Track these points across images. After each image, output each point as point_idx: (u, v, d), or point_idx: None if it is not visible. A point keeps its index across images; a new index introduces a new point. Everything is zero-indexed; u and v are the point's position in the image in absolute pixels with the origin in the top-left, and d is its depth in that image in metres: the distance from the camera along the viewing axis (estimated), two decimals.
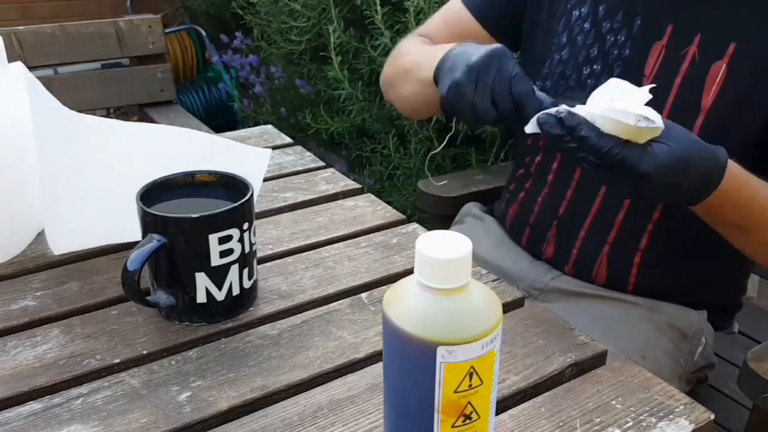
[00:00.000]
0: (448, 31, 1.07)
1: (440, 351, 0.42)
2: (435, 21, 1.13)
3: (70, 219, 0.70)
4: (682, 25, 0.89)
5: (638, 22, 0.92)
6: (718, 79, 0.87)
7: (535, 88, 0.78)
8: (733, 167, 0.76)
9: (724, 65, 0.87)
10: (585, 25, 0.97)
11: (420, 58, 0.96)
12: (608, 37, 0.94)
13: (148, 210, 0.63)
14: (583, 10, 0.97)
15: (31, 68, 0.67)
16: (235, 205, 0.64)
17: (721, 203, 0.77)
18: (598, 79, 0.94)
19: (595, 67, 0.95)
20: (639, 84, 0.90)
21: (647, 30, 0.91)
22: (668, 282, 0.99)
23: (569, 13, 0.99)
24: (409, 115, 1.27)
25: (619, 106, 0.67)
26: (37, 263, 0.76)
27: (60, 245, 0.71)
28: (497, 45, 0.81)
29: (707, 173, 0.74)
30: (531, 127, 0.73)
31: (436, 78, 0.87)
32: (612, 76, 0.92)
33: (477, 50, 0.81)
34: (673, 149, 0.70)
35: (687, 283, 0.99)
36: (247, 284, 0.68)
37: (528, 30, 1.06)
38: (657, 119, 0.67)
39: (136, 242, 0.62)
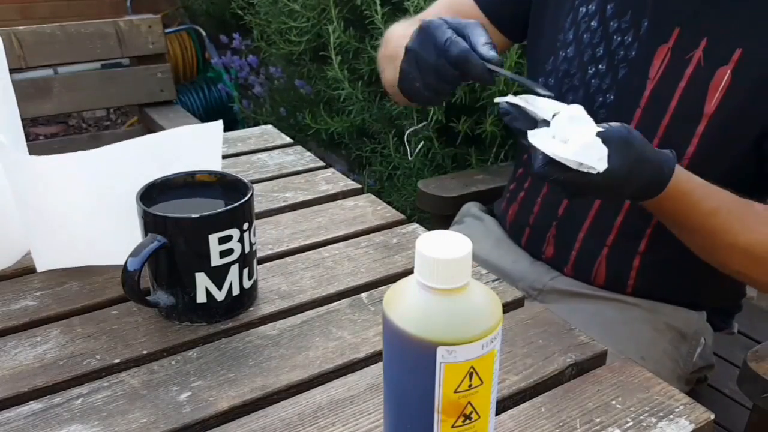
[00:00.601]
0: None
1: (440, 351, 0.42)
2: (436, 7, 1.12)
3: (54, 238, 0.71)
4: (689, 29, 0.89)
5: (645, 23, 0.91)
6: (722, 85, 0.86)
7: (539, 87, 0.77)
8: (680, 176, 0.77)
9: (729, 71, 0.86)
10: (592, 23, 0.96)
11: (399, 43, 0.94)
12: (615, 37, 0.93)
13: (148, 210, 0.63)
14: (590, 7, 0.96)
15: (31, 68, 0.67)
16: (235, 205, 0.64)
17: (660, 206, 0.79)
18: (602, 80, 0.94)
19: (600, 66, 0.95)
20: (643, 87, 0.90)
21: (654, 32, 0.91)
22: (667, 284, 0.99)
23: (576, 9, 0.98)
24: (398, 100, 1.25)
25: (564, 152, 0.69)
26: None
27: (43, 263, 0.72)
28: (429, 20, 0.81)
29: (649, 183, 0.76)
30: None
31: None
32: (617, 77, 0.93)
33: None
34: (611, 172, 0.69)
35: (686, 286, 0.99)
36: (247, 284, 0.68)
37: (535, 23, 1.05)
38: (597, 163, 0.68)
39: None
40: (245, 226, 0.65)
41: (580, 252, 1.00)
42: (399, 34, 1.02)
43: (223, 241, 0.63)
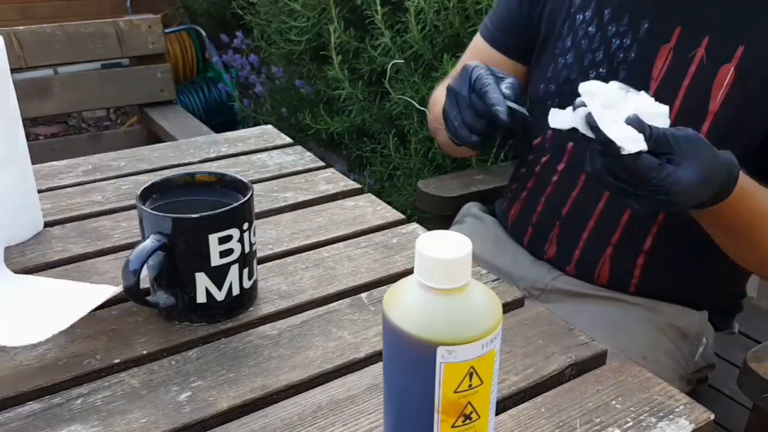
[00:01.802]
0: None
1: (440, 351, 0.42)
2: (464, 58, 1.16)
3: None
4: (690, 28, 0.89)
5: (645, 25, 0.92)
6: (725, 83, 0.86)
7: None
8: (742, 185, 0.77)
9: (732, 68, 0.86)
10: (590, 29, 0.96)
11: (441, 99, 0.98)
12: (614, 40, 0.94)
13: (148, 210, 0.63)
14: (587, 13, 0.97)
15: (31, 68, 0.67)
16: (235, 205, 0.64)
17: (725, 212, 0.78)
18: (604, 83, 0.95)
19: (600, 70, 0.95)
20: (647, 87, 0.90)
21: (655, 33, 0.91)
22: (670, 283, 0.99)
23: (573, 17, 0.99)
24: (457, 154, 1.38)
25: (621, 132, 0.67)
26: (36, 263, 0.76)
27: None
28: (470, 62, 0.83)
29: (723, 186, 0.75)
30: (553, 122, 0.73)
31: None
32: (617, 80, 0.92)
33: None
34: (699, 172, 0.70)
35: (689, 285, 0.99)
36: (247, 284, 0.68)
37: (537, 36, 1.06)
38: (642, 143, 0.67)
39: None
40: (245, 226, 0.65)
41: (584, 251, 1.00)
42: (440, 93, 1.07)
43: (223, 241, 0.63)
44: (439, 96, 1.10)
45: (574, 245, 1.01)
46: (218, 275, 0.65)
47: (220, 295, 0.66)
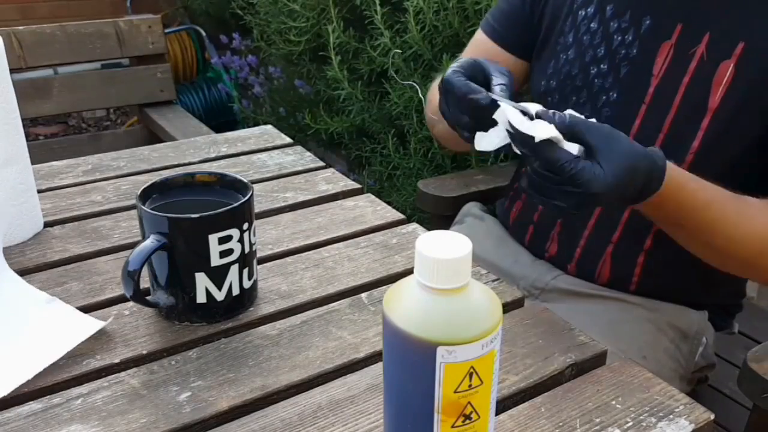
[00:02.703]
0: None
1: (440, 351, 0.42)
2: (465, 53, 1.16)
3: None
4: (691, 24, 0.89)
5: (647, 21, 0.92)
6: (725, 79, 0.87)
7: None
8: (672, 169, 0.75)
9: (732, 65, 0.86)
10: (592, 25, 0.97)
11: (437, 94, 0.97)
12: (615, 36, 0.94)
13: (148, 210, 0.63)
14: (589, 10, 0.97)
15: (31, 68, 0.67)
16: (235, 205, 0.64)
17: (663, 206, 0.77)
18: (605, 79, 0.95)
19: (602, 66, 0.96)
20: (647, 83, 0.90)
21: (656, 29, 0.91)
22: (671, 282, 0.99)
23: (575, 13, 0.99)
24: (454, 149, 1.34)
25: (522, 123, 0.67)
26: (37, 263, 0.76)
27: None
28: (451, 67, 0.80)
29: (648, 180, 0.73)
30: (479, 145, 0.72)
31: None
32: (619, 76, 0.93)
33: None
34: (619, 165, 0.68)
35: (689, 284, 0.99)
36: (247, 284, 0.68)
37: (538, 32, 1.06)
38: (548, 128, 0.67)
39: None
40: (245, 226, 0.65)
41: (585, 249, 1.00)
42: (436, 89, 1.04)
43: (223, 241, 0.63)
44: (437, 90, 1.10)
45: (575, 244, 1.01)
46: (218, 275, 0.65)
47: (220, 295, 0.66)
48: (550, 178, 0.68)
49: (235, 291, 0.66)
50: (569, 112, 0.69)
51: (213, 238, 0.63)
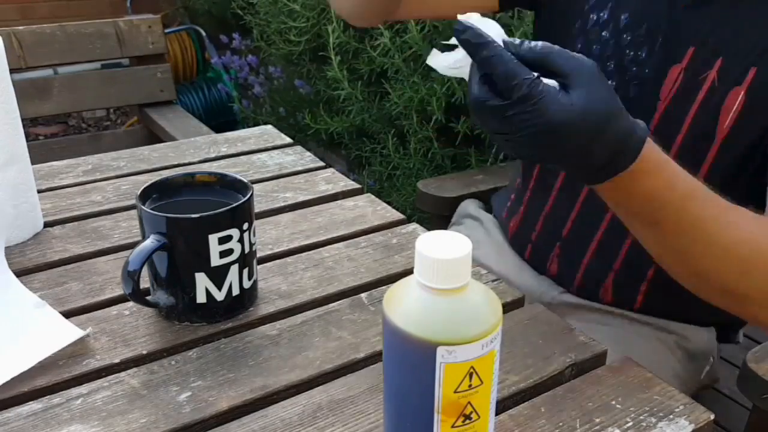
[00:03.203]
0: None
1: (440, 351, 0.42)
2: None
3: None
4: (704, 49, 0.83)
5: (659, 40, 0.85)
6: (735, 106, 0.81)
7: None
8: (652, 150, 0.63)
9: (742, 92, 0.80)
10: (603, 34, 0.89)
11: None
12: (628, 51, 0.87)
13: (148, 210, 0.63)
14: (602, 14, 0.90)
15: (31, 68, 0.67)
16: (235, 205, 0.64)
17: (631, 187, 0.63)
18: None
19: (610, 83, 0.80)
20: (653, 107, 0.85)
21: (667, 50, 0.85)
22: (675, 304, 0.95)
23: (586, 16, 0.91)
24: (357, 15, 1.04)
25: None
26: (37, 263, 0.76)
27: None
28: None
29: (621, 145, 0.60)
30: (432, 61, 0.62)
31: None
32: (628, 96, 0.85)
33: None
34: (592, 103, 0.57)
35: (694, 306, 0.93)
36: (247, 284, 0.68)
37: (543, 25, 1.00)
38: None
39: None
40: (245, 226, 0.65)
41: (586, 273, 0.97)
42: None
43: (223, 241, 0.63)
44: None
45: (576, 267, 0.97)
46: (218, 275, 0.65)
47: (220, 295, 0.66)
48: (501, 97, 0.57)
49: (235, 291, 0.66)
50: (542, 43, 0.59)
51: (213, 238, 0.63)
